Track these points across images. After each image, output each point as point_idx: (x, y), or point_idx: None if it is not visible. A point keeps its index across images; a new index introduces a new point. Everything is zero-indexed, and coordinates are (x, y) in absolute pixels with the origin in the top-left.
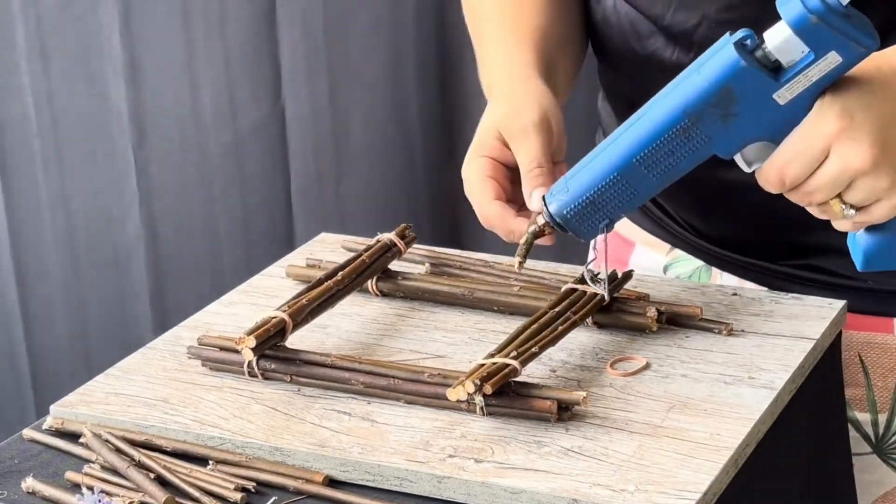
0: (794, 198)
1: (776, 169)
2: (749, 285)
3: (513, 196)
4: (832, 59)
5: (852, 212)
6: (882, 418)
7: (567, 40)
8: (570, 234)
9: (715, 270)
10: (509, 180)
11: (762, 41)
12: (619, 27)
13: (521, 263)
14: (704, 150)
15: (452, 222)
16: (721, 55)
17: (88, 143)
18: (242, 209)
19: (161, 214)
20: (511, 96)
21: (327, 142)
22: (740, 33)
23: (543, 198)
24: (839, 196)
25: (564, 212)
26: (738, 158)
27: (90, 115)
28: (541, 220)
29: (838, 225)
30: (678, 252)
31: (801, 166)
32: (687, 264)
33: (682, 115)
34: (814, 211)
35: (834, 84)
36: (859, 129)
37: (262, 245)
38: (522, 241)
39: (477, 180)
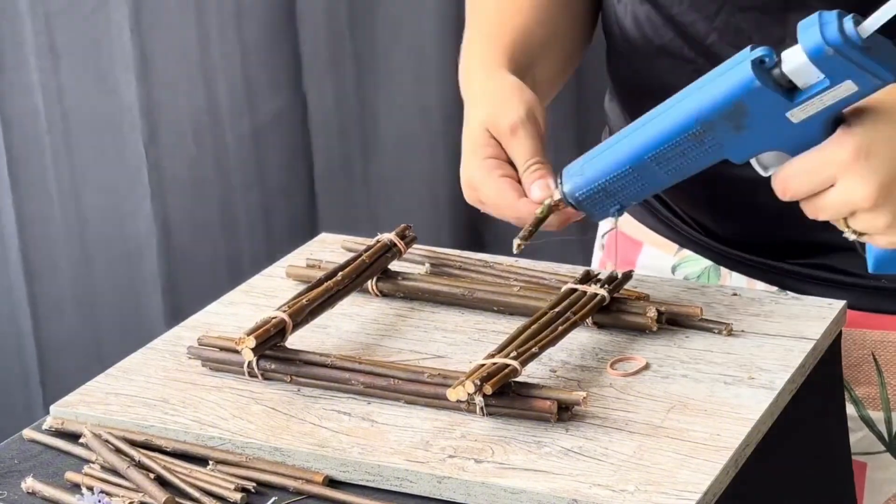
0: (803, 207)
1: (781, 179)
2: (760, 285)
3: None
4: (847, 87)
5: (854, 236)
6: None
7: (554, 41)
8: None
9: (724, 270)
10: (516, 175)
11: (780, 61)
12: (633, 16)
13: (527, 237)
14: (716, 154)
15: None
16: (737, 71)
17: (99, 138)
18: (262, 200)
19: (174, 208)
20: (491, 94)
21: (352, 129)
22: (760, 51)
23: (560, 174)
24: (846, 219)
25: (577, 194)
26: (754, 163)
27: (100, 112)
28: (556, 196)
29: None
30: (686, 252)
31: (806, 184)
32: (695, 264)
33: (693, 122)
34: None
35: (859, 111)
36: (869, 168)
37: (284, 235)
38: (538, 211)
39: (490, 181)
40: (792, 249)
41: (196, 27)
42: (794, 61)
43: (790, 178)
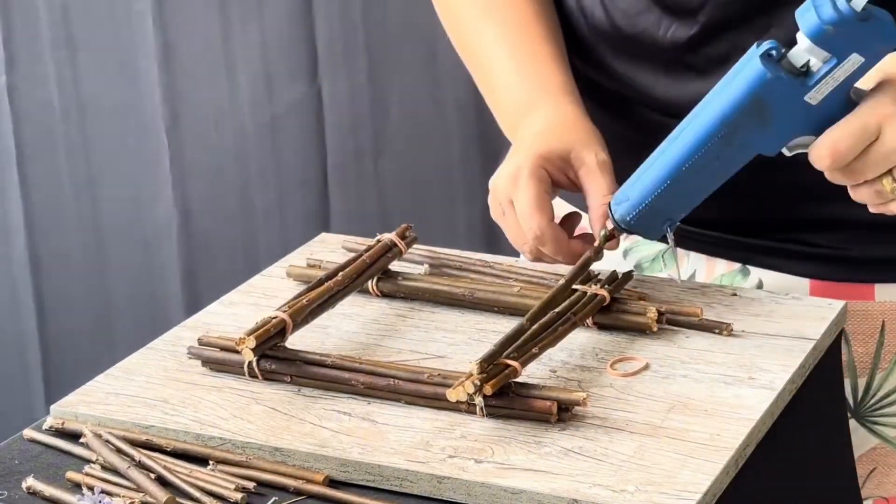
0: (841, 177)
1: (829, 144)
2: (721, 263)
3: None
4: (855, 61)
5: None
6: (861, 383)
7: (556, 27)
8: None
9: (681, 251)
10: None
11: (787, 49)
12: (601, 6)
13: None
14: (748, 151)
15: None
16: (749, 68)
17: (118, 127)
18: (278, 189)
19: (195, 195)
20: (573, 123)
21: (365, 120)
22: (766, 45)
23: (609, 205)
24: (890, 172)
25: (628, 218)
26: (784, 150)
27: (121, 100)
28: (609, 225)
29: (878, 208)
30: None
31: (854, 141)
32: (648, 248)
33: (719, 125)
34: (861, 193)
35: (877, 86)
36: None
37: (298, 224)
38: (595, 244)
39: (538, 199)
40: (757, 226)
41: (219, 16)
42: (800, 46)
43: (838, 140)
